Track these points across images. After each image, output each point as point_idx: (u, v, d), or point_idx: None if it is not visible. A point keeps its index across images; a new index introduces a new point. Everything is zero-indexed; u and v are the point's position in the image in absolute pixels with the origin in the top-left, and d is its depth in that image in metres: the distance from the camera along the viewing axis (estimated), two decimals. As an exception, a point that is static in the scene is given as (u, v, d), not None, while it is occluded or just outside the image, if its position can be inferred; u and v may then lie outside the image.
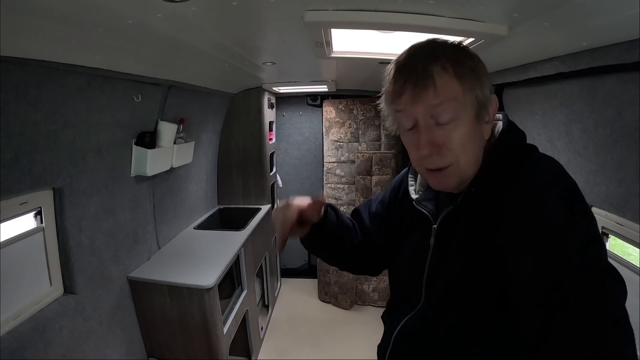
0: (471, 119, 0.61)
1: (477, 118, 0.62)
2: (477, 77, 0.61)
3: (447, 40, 0.65)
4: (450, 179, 0.64)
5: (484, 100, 0.62)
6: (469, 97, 0.60)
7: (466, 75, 0.60)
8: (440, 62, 0.59)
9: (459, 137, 0.60)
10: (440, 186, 0.67)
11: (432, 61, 0.59)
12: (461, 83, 0.59)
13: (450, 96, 0.59)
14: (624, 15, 0.77)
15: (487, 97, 0.62)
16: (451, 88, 0.59)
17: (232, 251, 2.18)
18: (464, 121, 0.60)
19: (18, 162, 1.17)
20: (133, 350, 1.87)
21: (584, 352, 0.42)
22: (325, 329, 3.09)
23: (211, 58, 1.58)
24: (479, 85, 0.61)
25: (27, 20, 0.82)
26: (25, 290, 1.31)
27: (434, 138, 0.60)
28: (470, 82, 0.60)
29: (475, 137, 0.63)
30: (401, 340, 0.75)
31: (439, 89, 0.58)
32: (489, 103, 0.63)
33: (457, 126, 0.60)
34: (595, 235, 0.51)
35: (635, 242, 1.15)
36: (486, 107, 0.63)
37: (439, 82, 0.58)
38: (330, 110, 3.57)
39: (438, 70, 0.59)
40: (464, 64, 0.60)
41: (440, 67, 0.59)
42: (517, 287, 0.52)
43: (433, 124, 0.60)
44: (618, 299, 0.46)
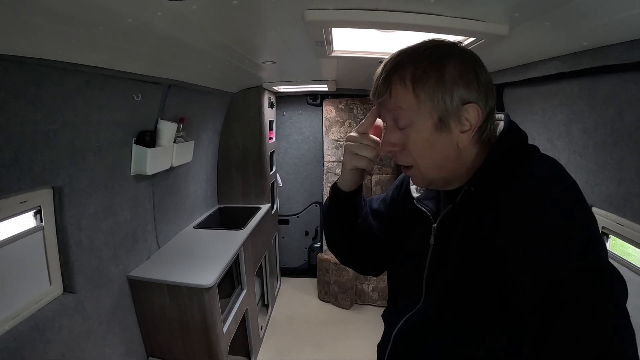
0: (428, 127, 0.63)
1: (438, 127, 0.63)
2: (441, 89, 0.62)
3: (436, 42, 0.65)
4: (416, 178, 0.71)
5: (447, 110, 0.62)
6: (426, 107, 0.63)
7: (425, 87, 0.62)
8: (400, 73, 0.64)
9: (414, 142, 0.65)
10: (413, 182, 0.77)
11: (394, 72, 0.64)
12: (416, 95, 0.63)
13: (403, 105, 0.64)
14: (625, 16, 0.77)
15: (453, 107, 0.62)
16: (404, 98, 0.63)
17: (231, 250, 2.18)
18: (419, 128, 0.64)
19: (18, 161, 1.17)
20: (132, 350, 1.87)
21: (584, 352, 0.42)
22: (325, 328, 3.10)
23: (211, 57, 1.58)
24: (441, 96, 0.62)
25: (27, 19, 0.82)
26: (24, 289, 1.31)
27: (392, 139, 0.68)
28: (428, 93, 0.62)
29: (435, 144, 0.64)
30: (401, 338, 0.75)
31: (393, 97, 0.64)
32: (461, 112, 0.62)
33: (411, 132, 0.65)
34: (596, 235, 0.51)
35: (635, 242, 1.15)
36: (454, 116, 0.62)
37: (393, 91, 0.64)
38: (331, 109, 3.57)
39: (396, 81, 0.64)
40: (427, 75, 0.62)
41: (399, 78, 0.64)
42: (517, 287, 0.52)
43: (395, 126, 0.67)
44: (618, 299, 0.46)
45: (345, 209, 0.83)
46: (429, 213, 0.75)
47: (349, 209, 0.83)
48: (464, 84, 0.62)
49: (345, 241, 0.89)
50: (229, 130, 3.10)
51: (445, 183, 0.70)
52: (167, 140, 2.03)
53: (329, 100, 3.58)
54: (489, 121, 0.66)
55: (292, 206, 3.92)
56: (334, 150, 3.60)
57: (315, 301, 3.54)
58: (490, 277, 0.58)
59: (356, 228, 0.85)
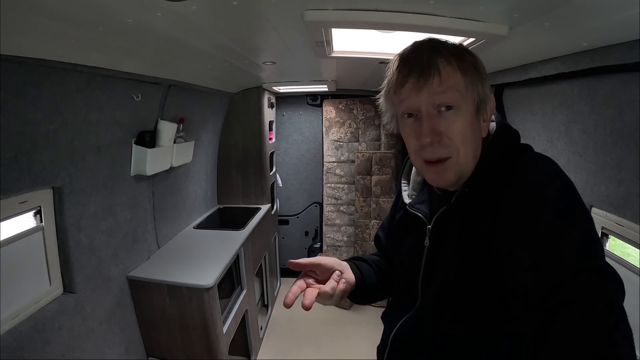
0: (472, 112, 0.63)
1: (477, 113, 0.64)
2: (479, 74, 0.63)
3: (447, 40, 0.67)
4: (449, 172, 0.64)
5: (484, 97, 0.64)
6: (470, 90, 0.62)
7: (469, 70, 0.62)
8: (444, 55, 0.62)
9: (459, 127, 0.61)
10: (438, 180, 0.67)
11: (436, 53, 0.62)
12: (464, 76, 0.62)
13: (453, 86, 0.61)
14: (624, 16, 0.77)
15: (487, 94, 0.64)
16: (454, 79, 0.61)
17: (231, 251, 2.18)
18: (465, 113, 0.62)
19: (17, 161, 1.17)
20: (132, 350, 1.87)
21: (583, 352, 0.42)
22: (325, 328, 3.09)
23: (211, 57, 1.58)
24: (480, 81, 0.63)
25: (27, 19, 0.82)
26: (24, 289, 1.31)
27: (436, 126, 0.61)
28: (472, 77, 0.62)
29: (474, 131, 0.64)
30: (399, 340, 0.75)
31: (443, 78, 0.60)
32: (488, 101, 0.65)
33: (458, 116, 0.61)
34: (593, 235, 0.51)
35: (635, 243, 1.15)
36: (485, 104, 0.65)
37: (443, 72, 0.60)
38: (330, 109, 3.57)
39: (442, 62, 0.61)
40: (466, 59, 0.63)
41: (445, 59, 0.61)
42: (515, 288, 0.52)
43: (435, 113, 0.62)
44: (616, 300, 0.46)
45: (360, 294, 0.82)
46: (423, 216, 0.75)
47: (362, 292, 0.82)
48: (485, 76, 0.65)
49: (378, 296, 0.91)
50: (229, 131, 3.10)
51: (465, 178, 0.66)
52: (167, 140, 2.03)
53: (328, 101, 3.59)
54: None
55: (292, 206, 3.92)
56: (333, 151, 3.60)
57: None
58: (486, 277, 0.58)
59: (385, 285, 0.88)
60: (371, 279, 0.84)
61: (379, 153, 3.41)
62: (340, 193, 3.63)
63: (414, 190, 0.83)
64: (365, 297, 0.85)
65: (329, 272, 0.72)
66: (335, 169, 3.61)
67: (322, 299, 0.68)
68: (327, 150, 3.62)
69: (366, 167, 3.42)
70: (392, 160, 3.37)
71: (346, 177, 3.60)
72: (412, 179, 0.85)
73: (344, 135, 3.58)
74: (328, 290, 0.67)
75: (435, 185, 0.72)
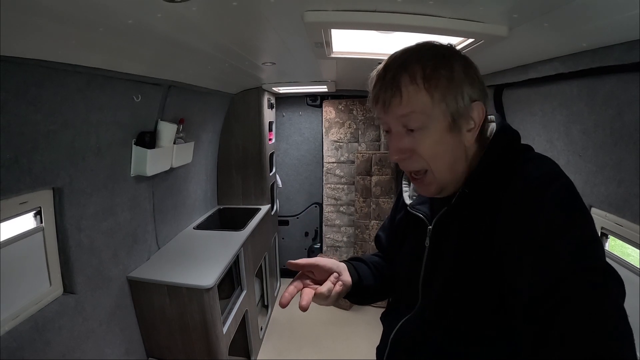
0: (442, 128, 0.62)
1: (451, 127, 0.62)
2: (453, 87, 0.61)
3: (433, 43, 0.65)
4: (430, 186, 0.67)
5: (459, 109, 0.62)
6: (439, 108, 0.61)
7: (438, 86, 0.60)
8: (410, 73, 0.60)
9: (427, 145, 0.62)
10: (424, 192, 0.70)
11: (402, 72, 0.61)
12: (430, 94, 0.60)
13: (416, 107, 0.61)
14: (624, 16, 0.77)
15: (464, 106, 0.62)
16: (417, 99, 0.60)
17: (231, 251, 2.18)
18: (433, 131, 0.62)
19: (18, 162, 1.17)
20: (132, 350, 1.87)
21: (583, 352, 0.42)
22: (325, 329, 3.09)
23: (211, 58, 1.58)
24: (453, 94, 0.61)
25: (27, 20, 0.82)
26: (24, 290, 1.31)
27: (404, 144, 0.64)
28: (441, 92, 0.60)
29: (448, 146, 0.63)
30: (398, 341, 0.75)
31: (404, 100, 0.61)
32: (469, 111, 0.63)
33: (425, 135, 0.62)
34: (593, 235, 0.51)
35: (634, 243, 1.15)
36: (464, 115, 0.63)
37: (405, 93, 0.60)
38: (330, 110, 3.57)
39: (406, 82, 0.60)
40: (438, 73, 0.60)
41: (409, 79, 0.60)
42: (515, 287, 0.52)
43: (404, 132, 0.63)
44: (616, 299, 0.46)
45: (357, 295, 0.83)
46: (424, 217, 0.75)
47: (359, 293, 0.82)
48: (469, 81, 0.62)
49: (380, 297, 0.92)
50: (229, 131, 3.10)
51: (455, 186, 0.67)
52: (167, 141, 2.03)
53: (328, 101, 3.59)
54: (487, 120, 0.67)
55: (292, 207, 3.92)
56: (333, 151, 3.60)
57: (315, 302, 3.53)
58: (487, 278, 0.58)
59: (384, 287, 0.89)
60: (368, 281, 0.84)
61: (379, 154, 3.41)
62: (340, 194, 3.63)
63: (414, 191, 0.83)
64: (363, 298, 0.85)
65: (327, 273, 0.73)
66: (335, 170, 3.61)
67: (318, 299, 0.69)
68: (326, 150, 3.62)
69: (366, 167, 3.42)
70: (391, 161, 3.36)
71: (346, 178, 3.60)
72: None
73: (344, 136, 3.58)
74: (324, 292, 0.68)
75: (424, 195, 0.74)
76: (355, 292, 0.80)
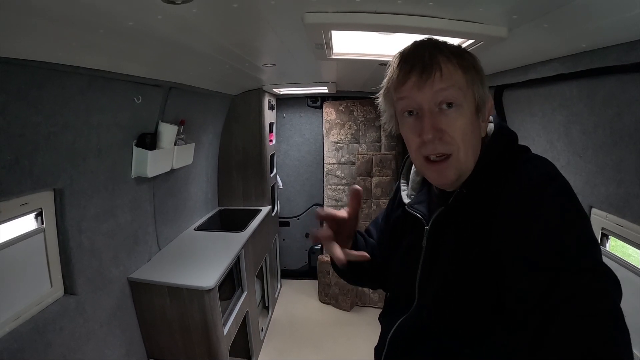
0: (472, 111, 0.63)
1: (477, 112, 0.65)
2: (478, 74, 0.64)
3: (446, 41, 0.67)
4: (449, 171, 0.64)
5: (483, 97, 0.65)
6: (471, 90, 0.63)
7: (469, 69, 0.63)
8: (445, 53, 0.62)
9: (460, 125, 0.62)
10: (439, 179, 0.67)
11: (437, 51, 0.62)
12: (465, 74, 0.62)
13: (455, 83, 0.61)
14: (624, 17, 0.77)
15: (486, 95, 0.65)
16: (456, 76, 0.62)
17: (232, 252, 2.18)
18: (466, 111, 0.62)
19: (19, 163, 1.17)
20: (133, 351, 1.87)
21: (580, 352, 0.42)
22: (326, 330, 3.09)
23: (212, 60, 1.58)
24: (479, 81, 0.64)
25: (28, 22, 0.82)
26: (25, 291, 1.31)
27: (438, 123, 0.62)
28: (472, 76, 0.63)
29: (475, 130, 0.65)
30: (396, 341, 0.75)
31: (445, 75, 0.61)
32: (487, 102, 0.66)
33: (459, 114, 0.62)
34: (590, 236, 0.51)
35: (635, 243, 1.15)
36: (484, 104, 0.66)
37: (444, 69, 0.61)
38: (331, 111, 3.57)
39: (444, 59, 0.62)
40: (466, 58, 0.64)
41: (446, 57, 0.62)
42: (513, 288, 0.52)
43: (437, 111, 0.62)
44: (613, 300, 0.46)
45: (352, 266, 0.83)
46: (421, 216, 0.75)
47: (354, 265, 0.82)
48: (484, 77, 0.66)
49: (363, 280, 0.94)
50: (230, 133, 3.10)
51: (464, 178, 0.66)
52: (168, 142, 2.03)
53: (329, 103, 3.59)
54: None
55: (293, 208, 3.92)
56: (334, 153, 3.60)
57: (316, 303, 3.53)
58: (484, 278, 0.58)
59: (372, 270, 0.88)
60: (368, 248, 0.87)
61: (379, 155, 3.41)
62: (341, 195, 3.63)
63: (412, 190, 0.83)
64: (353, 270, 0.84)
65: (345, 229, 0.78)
66: (336, 171, 3.61)
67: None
68: (327, 151, 3.63)
69: (366, 168, 3.42)
70: (392, 162, 3.37)
71: (346, 179, 3.60)
72: (411, 179, 0.84)
73: (344, 137, 3.58)
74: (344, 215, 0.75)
75: (436, 184, 0.71)
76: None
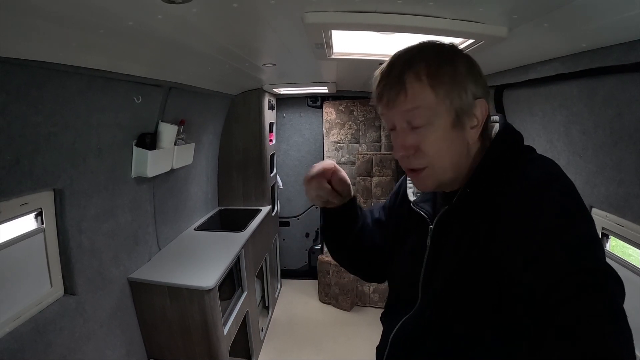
0: (446, 125, 0.62)
1: (455, 124, 0.63)
2: (456, 84, 0.62)
3: (436, 43, 0.66)
4: (427, 180, 0.67)
5: (463, 106, 0.62)
6: (443, 104, 0.61)
7: (442, 83, 0.61)
8: (415, 70, 0.61)
9: (431, 142, 0.62)
10: (419, 187, 0.71)
11: (407, 69, 0.62)
12: (435, 91, 0.61)
13: (421, 103, 0.61)
14: (624, 17, 0.77)
15: (467, 103, 0.62)
16: (422, 96, 0.61)
17: (232, 252, 2.18)
18: (437, 127, 0.62)
19: (19, 163, 1.17)
20: (133, 351, 1.87)
21: (582, 353, 0.42)
22: (326, 330, 3.09)
23: (212, 59, 1.58)
24: (457, 91, 0.62)
25: (28, 22, 0.82)
26: (25, 291, 1.31)
27: (407, 142, 0.64)
28: (445, 89, 0.61)
29: (452, 143, 0.63)
30: (398, 341, 0.75)
31: (410, 96, 0.61)
32: (473, 108, 0.63)
33: (429, 131, 0.62)
34: (593, 236, 0.51)
35: (635, 243, 1.15)
36: (468, 112, 0.63)
37: (410, 90, 0.61)
38: (331, 111, 3.57)
39: (411, 79, 0.61)
40: (442, 71, 0.61)
41: (414, 75, 0.61)
42: (515, 288, 0.52)
43: (408, 128, 0.64)
44: (616, 300, 0.46)
45: (339, 221, 0.85)
46: (426, 215, 0.75)
47: (342, 220, 0.85)
48: (472, 79, 0.63)
49: (348, 251, 0.91)
50: (230, 133, 3.10)
51: (452, 184, 0.68)
52: (168, 142, 2.03)
53: (329, 102, 3.59)
54: (489, 118, 0.67)
55: (293, 208, 3.92)
56: (334, 152, 3.60)
57: (316, 303, 3.53)
58: (487, 278, 0.58)
59: (356, 237, 0.87)
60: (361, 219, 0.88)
61: (380, 154, 3.41)
62: (341, 194, 3.62)
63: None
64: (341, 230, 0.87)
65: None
66: (336, 171, 3.60)
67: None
68: (327, 151, 3.62)
69: (367, 168, 3.42)
70: (392, 162, 3.37)
71: (347, 179, 3.60)
72: None
73: (345, 137, 3.58)
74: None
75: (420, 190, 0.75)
76: (346, 211, 0.84)
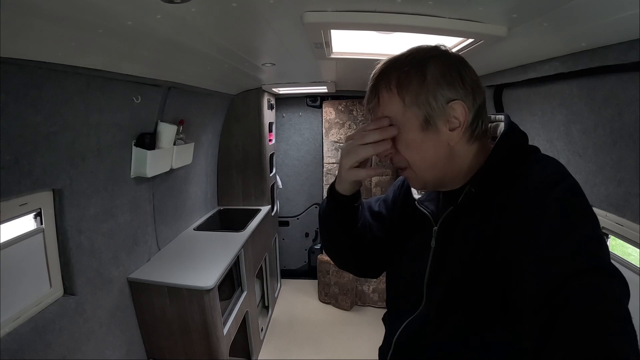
0: (415, 129, 0.66)
1: (424, 128, 0.65)
2: (425, 90, 0.64)
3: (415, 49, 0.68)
4: (412, 180, 0.73)
5: (432, 111, 0.64)
6: (410, 110, 0.65)
7: (409, 91, 0.65)
8: (387, 80, 0.67)
9: (404, 144, 0.68)
10: (410, 184, 0.78)
11: (380, 80, 0.68)
12: (402, 99, 0.65)
13: (390, 112, 0.67)
14: (624, 16, 0.77)
15: (438, 107, 0.64)
16: (391, 104, 0.67)
17: (232, 252, 2.18)
18: (406, 133, 0.66)
19: (18, 164, 1.17)
20: (133, 352, 1.87)
21: (586, 353, 0.42)
22: (325, 330, 3.09)
23: (211, 59, 1.58)
24: (425, 97, 0.64)
25: (27, 22, 0.82)
26: (25, 291, 1.31)
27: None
28: (412, 96, 0.64)
29: (424, 145, 0.66)
30: (402, 342, 0.75)
31: (382, 105, 0.68)
32: (448, 111, 0.64)
33: (401, 136, 0.67)
34: (598, 236, 0.51)
35: (635, 242, 1.15)
36: (441, 115, 0.64)
37: (381, 99, 0.68)
38: (330, 111, 3.57)
39: (382, 89, 0.67)
40: (409, 79, 0.65)
41: (385, 85, 0.67)
42: (520, 288, 0.52)
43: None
44: (620, 300, 0.46)
45: (344, 214, 0.82)
46: (430, 215, 0.75)
47: (348, 213, 0.82)
48: (446, 82, 0.64)
49: (345, 245, 0.88)
50: (229, 132, 3.10)
51: (440, 184, 0.71)
52: (167, 142, 2.03)
53: (328, 102, 3.59)
54: (479, 118, 0.67)
55: (292, 208, 3.92)
56: (333, 152, 3.60)
57: (316, 303, 3.53)
58: (492, 279, 0.58)
59: (356, 233, 0.85)
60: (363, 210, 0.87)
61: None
62: (341, 194, 3.62)
63: None
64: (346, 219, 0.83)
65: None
66: (335, 170, 3.60)
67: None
68: (327, 151, 3.62)
69: (366, 168, 3.42)
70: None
71: (346, 178, 3.60)
72: None
73: (344, 137, 3.57)
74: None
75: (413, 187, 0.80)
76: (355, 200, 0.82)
